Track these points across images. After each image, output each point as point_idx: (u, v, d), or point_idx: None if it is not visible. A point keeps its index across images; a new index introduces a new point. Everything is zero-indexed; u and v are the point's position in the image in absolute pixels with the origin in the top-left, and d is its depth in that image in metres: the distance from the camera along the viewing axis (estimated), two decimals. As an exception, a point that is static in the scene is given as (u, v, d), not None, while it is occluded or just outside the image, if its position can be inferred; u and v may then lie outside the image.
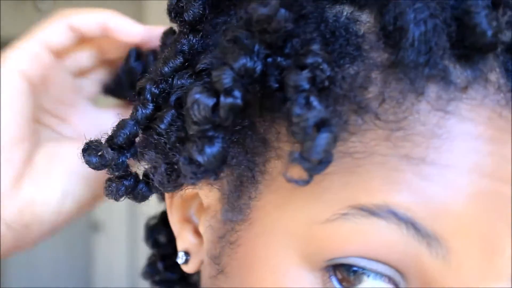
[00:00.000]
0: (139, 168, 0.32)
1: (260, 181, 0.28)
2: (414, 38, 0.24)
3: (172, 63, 0.30)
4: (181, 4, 0.31)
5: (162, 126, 0.29)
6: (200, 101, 0.26)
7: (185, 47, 0.30)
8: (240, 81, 0.26)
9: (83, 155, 0.31)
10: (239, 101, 0.26)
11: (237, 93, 0.26)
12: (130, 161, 0.31)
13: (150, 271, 0.46)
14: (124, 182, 0.31)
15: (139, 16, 3.42)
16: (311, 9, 0.26)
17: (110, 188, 0.32)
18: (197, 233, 0.34)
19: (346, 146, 0.25)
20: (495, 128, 0.24)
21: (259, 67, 0.26)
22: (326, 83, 0.25)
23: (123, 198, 0.32)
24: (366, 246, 0.24)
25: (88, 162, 0.31)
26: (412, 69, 0.24)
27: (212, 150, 0.27)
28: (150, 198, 0.34)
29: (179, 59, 0.30)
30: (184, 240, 0.34)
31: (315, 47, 0.25)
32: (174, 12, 0.31)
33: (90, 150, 0.30)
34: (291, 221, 0.26)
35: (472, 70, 0.24)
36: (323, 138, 0.23)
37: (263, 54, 0.26)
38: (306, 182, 0.25)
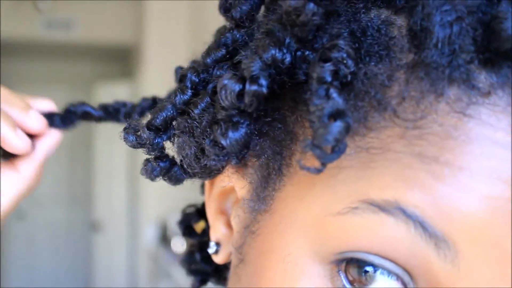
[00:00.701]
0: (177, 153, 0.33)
1: (285, 174, 0.29)
2: (438, 39, 0.24)
3: (214, 54, 0.32)
4: (229, 1, 0.32)
5: (196, 111, 0.31)
6: (227, 86, 0.27)
7: (229, 41, 0.32)
8: (267, 71, 0.27)
9: (123, 134, 0.32)
10: (264, 89, 0.27)
11: (263, 81, 0.27)
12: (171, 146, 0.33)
13: (188, 259, 0.47)
14: (160, 163, 0.33)
15: (139, 16, 3.43)
16: (343, 8, 0.27)
17: (146, 168, 0.33)
18: (229, 225, 0.35)
19: (363, 141, 0.26)
20: None
21: (287, 59, 0.27)
22: (349, 77, 0.25)
23: (159, 178, 0.34)
24: (374, 241, 0.24)
25: (126, 140, 0.32)
26: (434, 69, 0.24)
27: (235, 134, 0.28)
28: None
29: (221, 51, 0.32)
30: (216, 230, 0.35)
31: (341, 42, 0.26)
32: (224, 8, 0.32)
33: (129, 129, 0.32)
34: (306, 212, 0.27)
35: (496, 75, 0.24)
36: (336, 126, 0.24)
37: (293, 47, 0.27)
38: (318, 171, 0.25)
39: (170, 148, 0.33)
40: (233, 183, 0.33)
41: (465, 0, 0.25)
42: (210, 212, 0.36)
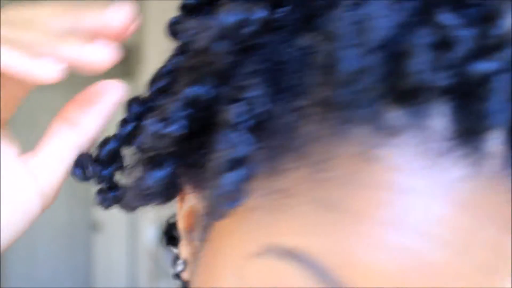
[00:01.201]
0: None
1: None
2: (343, 76, 0.22)
3: (156, 83, 0.31)
4: (176, 25, 0.31)
5: (134, 145, 0.31)
6: (146, 127, 0.27)
7: (170, 68, 0.31)
8: (185, 111, 0.26)
9: (72, 168, 0.32)
10: (180, 130, 0.26)
11: (180, 122, 0.26)
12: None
13: (173, 266, 0.46)
14: (111, 193, 0.32)
15: (139, 16, 3.42)
16: (263, 40, 0.25)
17: (98, 198, 0.33)
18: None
19: (274, 183, 0.24)
20: (427, 180, 0.22)
21: (207, 97, 0.26)
22: (260, 117, 0.24)
23: (112, 207, 0.33)
24: (277, 286, 0.24)
25: (73, 174, 0.32)
26: (340, 109, 0.23)
27: (157, 174, 0.28)
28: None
29: (164, 80, 0.31)
30: (183, 249, 0.34)
31: (253, 81, 0.24)
32: (171, 31, 0.32)
33: (77, 163, 0.32)
34: (231, 250, 0.26)
35: (408, 115, 0.22)
36: (233, 176, 0.23)
37: (212, 85, 0.26)
38: (219, 217, 0.25)
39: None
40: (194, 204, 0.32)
41: (375, 32, 0.22)
42: (180, 229, 0.35)
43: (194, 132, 0.26)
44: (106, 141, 0.32)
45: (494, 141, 0.22)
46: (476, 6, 0.22)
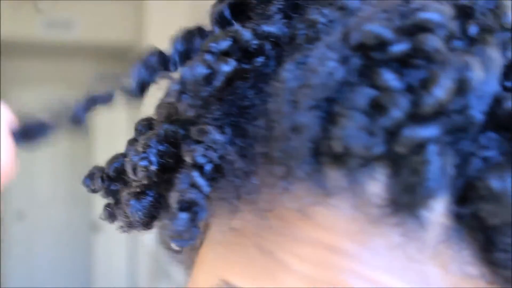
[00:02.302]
0: None
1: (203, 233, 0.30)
2: (283, 131, 0.22)
3: (158, 108, 0.32)
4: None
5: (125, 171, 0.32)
6: (129, 159, 0.28)
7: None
8: (158, 147, 0.27)
9: (83, 178, 0.33)
10: (153, 166, 0.27)
11: (152, 158, 0.27)
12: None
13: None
14: (115, 208, 0.33)
15: (139, 16, 3.42)
16: (225, 91, 0.26)
17: (104, 213, 0.34)
18: None
19: (227, 222, 0.25)
20: (359, 244, 0.22)
21: (175, 136, 0.27)
22: (216, 161, 0.25)
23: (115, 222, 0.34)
24: None
25: (83, 184, 0.33)
26: (280, 164, 0.23)
27: (137, 204, 0.29)
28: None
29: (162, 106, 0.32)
30: None
31: (214, 125, 0.25)
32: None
33: (89, 174, 0.33)
34: (199, 277, 0.28)
35: (346, 176, 0.22)
36: (182, 219, 0.24)
37: (180, 125, 0.27)
38: (176, 251, 0.27)
39: None
40: None
41: (313, 90, 0.22)
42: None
43: (167, 167, 0.27)
44: (114, 158, 0.32)
45: (434, 212, 0.22)
46: (420, 69, 0.21)
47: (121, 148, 0.34)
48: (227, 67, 0.25)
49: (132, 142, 0.32)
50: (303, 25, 0.25)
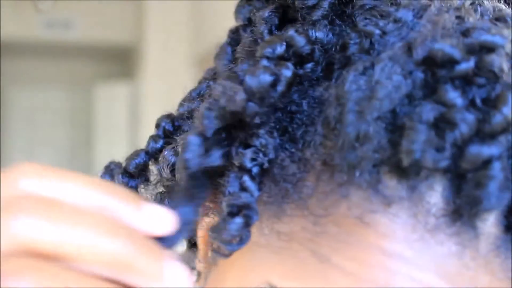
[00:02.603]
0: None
1: None
2: (347, 140, 0.23)
3: (185, 104, 0.32)
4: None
5: (157, 166, 0.32)
6: (165, 157, 0.28)
7: (203, 91, 0.32)
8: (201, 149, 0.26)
9: (101, 174, 0.33)
10: (196, 170, 0.27)
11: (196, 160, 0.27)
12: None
13: None
14: None
15: (139, 16, 3.43)
16: (284, 98, 0.26)
17: None
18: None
19: (278, 225, 0.26)
20: (416, 251, 0.23)
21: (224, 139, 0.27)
22: (267, 165, 0.25)
23: None
24: None
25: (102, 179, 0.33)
26: (340, 171, 0.24)
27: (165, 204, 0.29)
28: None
29: (192, 103, 0.32)
30: (197, 261, 0.36)
31: (262, 131, 0.25)
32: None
33: (107, 170, 0.33)
34: (232, 278, 0.28)
35: (406, 186, 0.23)
36: (236, 223, 0.24)
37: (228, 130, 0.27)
38: (225, 256, 0.26)
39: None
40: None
41: (379, 101, 0.23)
42: (198, 240, 0.36)
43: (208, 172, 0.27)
44: (136, 154, 0.32)
45: (487, 223, 0.23)
46: (483, 87, 0.22)
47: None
48: (288, 72, 0.25)
49: (156, 138, 0.32)
50: (355, 34, 0.25)
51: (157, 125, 0.33)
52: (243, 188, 0.25)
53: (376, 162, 0.23)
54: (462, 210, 0.23)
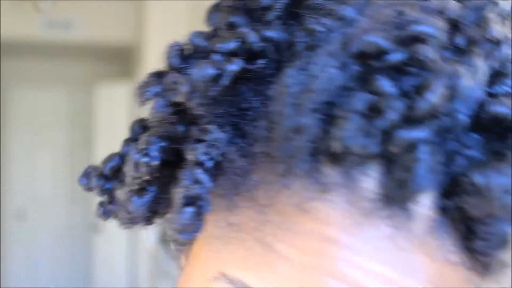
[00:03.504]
0: None
1: None
2: (285, 133, 0.24)
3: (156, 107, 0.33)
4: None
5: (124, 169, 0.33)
6: (130, 156, 0.30)
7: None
8: (158, 143, 0.29)
9: (79, 177, 0.34)
10: (155, 161, 0.28)
11: (154, 153, 0.29)
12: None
13: None
14: (109, 206, 0.34)
15: (139, 16, 3.43)
16: (230, 92, 0.27)
17: (99, 210, 0.35)
18: None
19: (230, 217, 0.27)
20: (354, 236, 0.24)
21: (180, 131, 0.29)
22: (219, 159, 0.26)
23: (110, 220, 0.36)
24: None
25: (79, 182, 0.34)
26: (280, 162, 0.25)
27: (139, 200, 0.30)
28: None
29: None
30: (182, 258, 0.37)
31: (215, 125, 0.27)
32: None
33: (85, 174, 0.34)
34: (195, 271, 0.29)
35: (342, 173, 0.24)
36: (188, 212, 0.26)
37: (184, 121, 0.29)
38: (182, 245, 0.29)
39: None
40: None
41: (314, 94, 0.24)
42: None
43: (168, 164, 0.29)
44: (110, 157, 0.34)
45: (421, 205, 0.24)
46: (414, 76, 0.23)
47: (118, 149, 0.35)
48: (234, 66, 0.26)
49: (128, 142, 0.33)
50: (302, 33, 0.27)
51: (131, 129, 0.34)
52: (196, 181, 0.26)
53: (312, 151, 0.24)
54: (394, 194, 0.24)
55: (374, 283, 0.24)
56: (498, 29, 0.26)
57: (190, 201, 0.26)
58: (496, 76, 0.25)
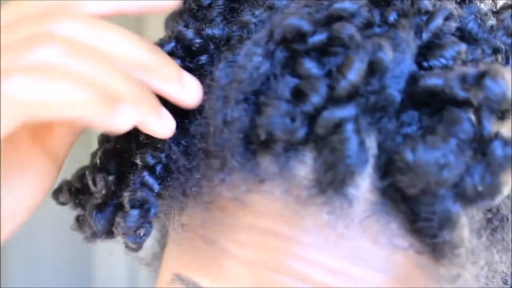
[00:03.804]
0: None
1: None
2: (216, 126, 0.24)
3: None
4: None
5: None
6: (88, 172, 0.31)
7: None
8: (113, 159, 0.30)
9: (52, 192, 0.35)
10: (111, 177, 0.29)
11: (110, 169, 0.30)
12: None
13: None
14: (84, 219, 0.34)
15: (139, 16, 3.41)
16: None
17: (75, 223, 0.34)
18: None
19: (182, 219, 0.27)
20: (285, 224, 0.24)
21: (131, 146, 0.29)
22: (164, 160, 0.27)
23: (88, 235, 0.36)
24: None
25: (52, 197, 0.35)
26: (215, 157, 0.24)
27: (98, 216, 0.30)
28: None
29: None
30: None
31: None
32: None
33: (57, 188, 0.35)
34: (161, 273, 0.30)
35: (276, 162, 0.23)
36: (133, 215, 0.26)
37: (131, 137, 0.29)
38: (133, 249, 0.29)
39: None
40: None
41: (241, 84, 0.23)
42: None
43: (125, 176, 0.29)
44: (81, 170, 0.35)
45: (360, 189, 0.23)
46: (337, 55, 0.23)
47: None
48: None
49: (94, 154, 0.33)
50: (237, 26, 0.27)
51: (98, 142, 0.35)
52: (143, 184, 0.26)
53: (244, 142, 0.24)
54: (327, 178, 0.23)
55: (324, 276, 0.23)
56: (430, 1, 0.25)
57: (137, 204, 0.26)
58: (430, 48, 0.24)
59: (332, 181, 0.23)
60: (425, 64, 0.24)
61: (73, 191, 0.33)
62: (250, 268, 0.24)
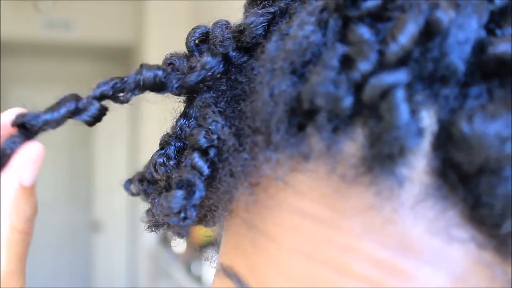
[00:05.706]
0: None
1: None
2: (263, 101, 0.22)
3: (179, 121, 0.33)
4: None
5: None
6: (153, 158, 0.30)
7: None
8: (174, 145, 0.29)
9: (124, 182, 0.34)
10: (171, 162, 0.28)
11: (170, 154, 0.29)
12: None
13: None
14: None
15: (139, 16, 3.42)
16: (217, 81, 0.28)
17: (145, 217, 0.33)
18: None
19: (223, 205, 0.26)
20: (325, 206, 0.21)
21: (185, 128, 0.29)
22: (214, 143, 0.25)
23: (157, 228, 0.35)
24: None
25: (124, 188, 0.34)
26: (261, 135, 0.23)
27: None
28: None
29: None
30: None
31: (210, 111, 0.26)
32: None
33: (130, 178, 0.34)
34: (217, 264, 0.29)
35: (322, 138, 0.21)
36: (176, 196, 0.25)
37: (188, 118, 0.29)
38: (180, 236, 0.28)
39: None
40: None
41: (288, 55, 0.22)
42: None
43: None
44: (150, 161, 0.32)
45: (414, 170, 0.20)
46: (392, 21, 0.20)
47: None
48: (213, 63, 0.26)
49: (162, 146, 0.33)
50: (296, 2, 0.25)
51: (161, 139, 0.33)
52: (193, 166, 0.25)
53: (288, 115, 0.22)
54: (375, 153, 0.20)
55: (365, 267, 0.21)
56: None
57: (182, 185, 0.25)
58: (504, 14, 0.21)
59: (379, 156, 0.20)
60: (498, 32, 0.21)
61: (143, 181, 0.32)
62: (289, 254, 0.22)
